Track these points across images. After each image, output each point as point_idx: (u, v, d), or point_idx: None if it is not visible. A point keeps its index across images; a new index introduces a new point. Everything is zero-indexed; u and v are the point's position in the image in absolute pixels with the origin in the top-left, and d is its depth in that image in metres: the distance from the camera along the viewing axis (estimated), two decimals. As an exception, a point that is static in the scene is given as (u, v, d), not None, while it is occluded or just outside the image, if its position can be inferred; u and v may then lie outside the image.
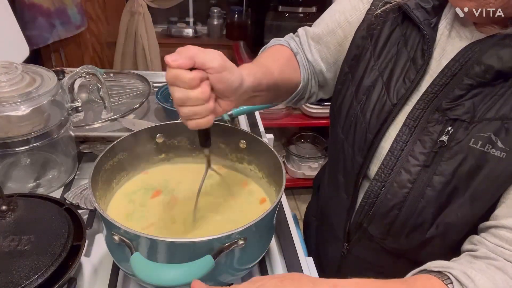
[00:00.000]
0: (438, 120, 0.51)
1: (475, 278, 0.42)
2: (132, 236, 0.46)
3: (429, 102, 0.52)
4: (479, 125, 0.48)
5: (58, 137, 0.73)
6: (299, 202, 2.32)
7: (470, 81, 0.49)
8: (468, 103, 0.49)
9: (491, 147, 0.47)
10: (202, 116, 0.48)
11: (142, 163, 0.68)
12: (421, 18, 0.54)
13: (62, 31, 1.65)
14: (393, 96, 0.55)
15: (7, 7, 1.04)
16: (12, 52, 1.05)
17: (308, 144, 2.34)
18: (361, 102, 0.59)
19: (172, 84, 0.47)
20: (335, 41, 0.66)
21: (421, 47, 0.54)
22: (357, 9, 0.63)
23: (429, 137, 0.51)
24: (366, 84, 0.59)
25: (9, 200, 0.59)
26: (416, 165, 0.52)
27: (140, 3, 2.07)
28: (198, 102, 0.47)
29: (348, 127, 0.61)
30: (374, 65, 0.58)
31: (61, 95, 0.73)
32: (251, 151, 0.67)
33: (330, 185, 0.72)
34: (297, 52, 0.69)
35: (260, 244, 0.55)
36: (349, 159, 0.61)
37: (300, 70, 0.68)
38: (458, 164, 0.49)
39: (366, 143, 0.58)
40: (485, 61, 0.48)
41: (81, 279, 0.58)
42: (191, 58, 0.45)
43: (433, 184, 0.51)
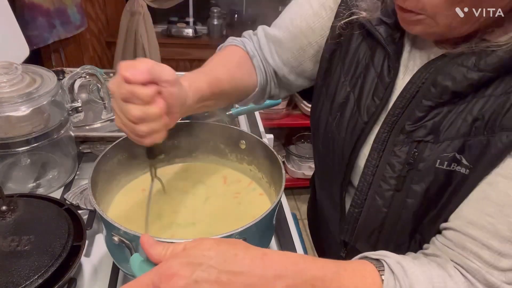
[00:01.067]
0: (403, 141, 0.50)
1: (408, 269, 0.42)
2: (131, 237, 0.46)
3: (393, 125, 0.52)
4: (443, 144, 0.48)
5: (58, 137, 0.73)
6: (299, 202, 2.32)
7: (429, 102, 0.48)
8: (429, 123, 0.49)
9: (457, 165, 0.47)
10: (158, 131, 0.47)
11: (142, 163, 0.68)
12: (384, 35, 0.52)
13: (62, 31, 1.65)
14: (364, 114, 0.55)
15: (7, 7, 1.04)
16: (12, 52, 1.05)
17: (308, 144, 2.34)
18: (335, 119, 0.59)
19: (126, 101, 0.44)
20: (298, 46, 0.64)
21: (386, 63, 0.53)
22: (320, 16, 0.61)
23: (397, 160, 0.51)
24: (339, 100, 0.58)
25: (9, 200, 0.59)
26: (388, 189, 0.52)
27: (140, 3, 2.07)
28: (156, 118, 0.45)
29: (327, 142, 0.61)
30: (345, 81, 0.58)
31: (61, 95, 0.73)
32: (251, 151, 0.67)
33: (321, 190, 0.73)
34: (254, 56, 0.67)
35: (260, 244, 0.54)
36: (332, 172, 0.62)
37: (256, 74, 0.66)
38: (427, 186, 0.49)
39: (344, 160, 0.58)
40: (440, 82, 0.47)
41: (81, 279, 0.58)
42: (148, 71, 0.43)
43: (407, 206, 0.52)
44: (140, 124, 0.45)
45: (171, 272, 0.35)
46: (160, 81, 0.44)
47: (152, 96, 0.44)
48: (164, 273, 0.36)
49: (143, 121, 0.45)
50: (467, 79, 0.45)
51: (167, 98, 0.46)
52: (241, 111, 0.90)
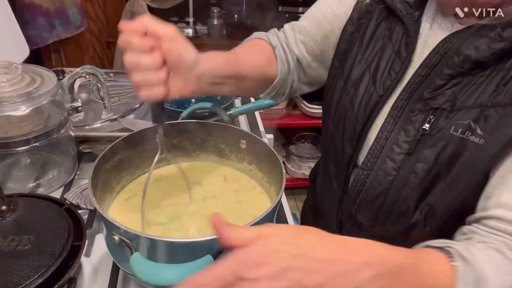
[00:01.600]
0: (420, 109, 0.53)
1: (475, 254, 0.42)
2: (132, 236, 0.46)
3: (412, 93, 0.54)
4: (459, 113, 0.50)
5: (58, 137, 0.73)
6: (299, 202, 2.32)
7: (450, 71, 0.50)
8: (448, 92, 0.51)
9: (471, 134, 0.49)
10: (153, 85, 0.48)
11: (142, 163, 0.68)
12: (404, 12, 0.56)
13: (62, 31, 1.65)
14: (380, 87, 0.57)
15: (7, 7, 1.04)
16: (12, 52, 1.05)
17: (308, 144, 2.34)
18: (349, 95, 0.60)
19: (124, 48, 0.47)
20: (322, 33, 0.67)
21: (405, 40, 0.56)
22: (343, 2, 0.65)
23: (412, 126, 0.53)
24: (354, 77, 0.60)
25: (9, 200, 0.58)
26: (400, 153, 0.54)
27: (140, 3, 2.07)
28: (149, 68, 0.47)
29: (338, 119, 0.62)
30: (361, 59, 0.60)
31: (61, 95, 0.73)
32: (251, 151, 0.67)
33: (323, 176, 0.73)
34: (276, 46, 0.69)
35: (260, 244, 0.55)
36: (340, 149, 0.63)
37: (277, 64, 0.68)
38: (439, 151, 0.51)
39: (355, 134, 0.59)
40: (463, 51, 0.49)
41: (81, 279, 0.58)
42: (144, 24, 0.46)
43: (416, 171, 0.53)
44: (135, 73, 0.48)
45: (256, 259, 0.33)
46: (158, 35, 0.47)
47: (145, 44, 0.46)
48: (247, 261, 0.33)
49: (136, 69, 0.47)
50: (490, 48, 0.47)
51: (167, 54, 0.48)
52: (241, 111, 0.90)
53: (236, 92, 0.66)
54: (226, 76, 0.58)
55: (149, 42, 0.47)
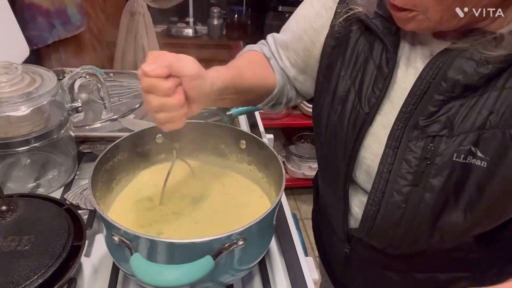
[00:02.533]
0: (418, 137, 0.51)
1: None
2: (132, 237, 0.46)
3: (406, 121, 0.52)
4: (458, 138, 0.49)
5: (58, 137, 0.73)
6: (299, 202, 2.32)
7: (441, 97, 0.49)
8: (443, 118, 0.50)
9: (472, 158, 0.48)
10: (176, 120, 0.50)
11: (142, 163, 0.68)
12: (380, 27, 0.54)
13: (62, 31, 1.65)
14: (365, 105, 0.56)
15: (7, 7, 1.04)
16: (12, 52, 1.05)
17: (308, 144, 2.34)
18: (337, 112, 0.60)
19: (148, 92, 0.48)
20: (303, 47, 0.66)
21: (385, 55, 0.54)
22: (321, 16, 0.64)
23: (413, 155, 0.52)
24: (340, 93, 0.59)
25: (9, 200, 0.59)
26: (405, 185, 0.53)
27: (140, 3, 2.07)
28: (174, 109, 0.49)
29: (329, 136, 0.62)
30: (345, 75, 0.59)
31: (61, 95, 0.73)
32: (251, 151, 0.67)
33: (324, 186, 0.73)
34: (270, 57, 0.70)
35: (260, 244, 0.55)
36: (334, 166, 0.62)
37: (274, 75, 0.69)
38: (445, 179, 0.50)
39: (347, 152, 0.59)
40: (451, 76, 0.48)
41: (81, 279, 0.58)
42: (168, 66, 0.46)
43: (425, 201, 0.52)
44: (160, 113, 0.49)
45: None
46: (181, 75, 0.48)
47: (171, 89, 0.47)
48: None
49: (162, 111, 0.48)
50: (477, 72, 0.46)
51: (188, 91, 0.49)
52: (241, 111, 0.90)
53: (237, 104, 0.68)
54: (232, 93, 0.60)
55: (173, 85, 0.47)
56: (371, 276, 0.68)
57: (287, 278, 0.61)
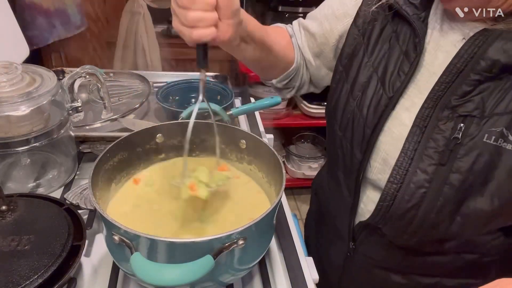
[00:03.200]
0: (448, 117, 0.51)
1: None
2: (132, 236, 0.46)
3: (437, 100, 0.52)
4: (491, 120, 0.48)
5: (58, 137, 0.73)
6: (299, 202, 2.32)
7: (477, 76, 0.49)
8: (477, 98, 0.49)
9: (503, 141, 0.48)
10: (207, 25, 0.48)
11: (142, 163, 0.68)
12: (410, 13, 0.55)
13: (62, 31, 1.65)
14: (389, 89, 0.56)
15: (7, 7, 1.04)
16: (12, 52, 1.05)
17: (308, 144, 2.34)
18: (357, 98, 0.59)
19: None
20: (321, 32, 0.69)
21: (412, 40, 0.55)
22: (344, 4, 0.66)
23: (441, 135, 0.51)
24: (361, 80, 0.59)
25: (9, 200, 0.58)
26: (431, 164, 0.52)
27: (140, 3, 2.07)
28: (205, 7, 0.47)
29: (345, 123, 0.61)
30: (368, 62, 0.59)
31: (61, 95, 0.73)
32: (251, 151, 0.67)
33: (330, 184, 0.72)
34: (292, 35, 0.73)
35: (260, 244, 0.55)
36: (348, 155, 0.61)
37: (294, 52, 0.72)
38: (473, 160, 0.49)
39: (365, 138, 0.58)
40: (491, 55, 0.48)
41: (81, 279, 0.58)
42: None
43: (450, 182, 0.51)
44: (190, 11, 0.47)
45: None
46: None
47: None
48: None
49: (191, 8, 0.46)
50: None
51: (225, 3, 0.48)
52: (241, 111, 0.90)
53: (258, 61, 0.68)
54: (255, 37, 0.61)
55: None
56: (373, 280, 0.66)
57: (287, 278, 0.61)
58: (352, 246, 0.65)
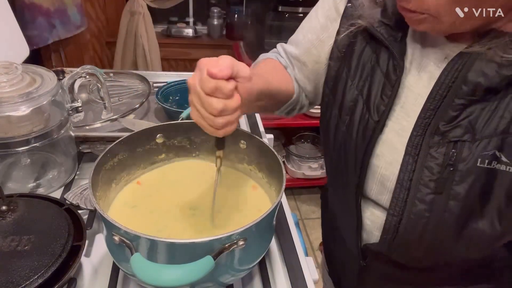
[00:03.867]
0: (439, 143, 0.50)
1: None
2: (132, 237, 0.46)
3: (426, 127, 0.51)
4: (482, 143, 0.47)
5: (58, 137, 0.73)
6: (299, 202, 2.32)
7: (462, 101, 0.48)
8: (464, 122, 0.49)
9: (497, 163, 0.47)
10: (232, 123, 0.50)
11: (142, 163, 0.68)
12: (385, 35, 0.54)
13: (62, 31, 1.65)
14: (374, 113, 0.55)
15: (7, 7, 1.04)
16: (12, 52, 1.05)
17: (308, 144, 2.34)
18: (346, 122, 0.59)
19: (211, 95, 0.47)
20: (312, 59, 0.68)
21: (392, 63, 0.54)
22: (326, 28, 0.65)
23: (435, 162, 0.50)
24: (347, 104, 0.59)
25: (9, 200, 0.59)
26: (428, 193, 0.51)
27: (140, 3, 2.07)
28: (233, 112, 0.49)
29: (338, 147, 0.61)
30: (352, 85, 0.59)
31: (61, 95, 0.73)
32: (251, 151, 0.67)
33: (334, 200, 0.72)
34: (287, 66, 0.72)
35: (260, 244, 0.55)
36: (345, 178, 0.61)
37: (293, 82, 0.71)
38: (469, 186, 0.49)
39: (357, 162, 0.57)
40: (471, 79, 0.47)
41: (81, 279, 0.58)
42: (231, 67, 0.47)
43: (449, 209, 0.50)
44: (220, 117, 0.49)
45: None
46: (238, 76, 0.49)
47: (233, 90, 0.48)
48: None
49: (222, 114, 0.48)
50: (499, 74, 0.45)
51: (242, 93, 0.50)
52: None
53: (261, 110, 0.69)
54: (262, 98, 0.60)
55: (234, 86, 0.48)
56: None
57: (287, 278, 0.61)
58: (363, 264, 0.64)
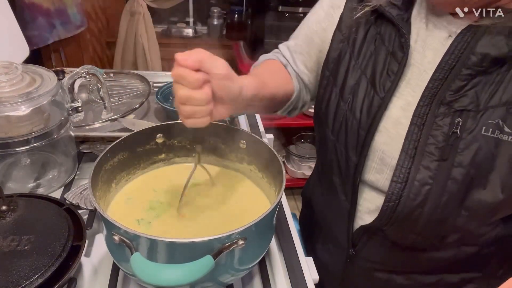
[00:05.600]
0: (445, 113, 0.52)
1: None
2: (132, 236, 0.46)
3: (433, 97, 0.53)
4: (486, 113, 0.50)
5: (58, 137, 0.73)
6: (299, 202, 2.32)
7: (469, 71, 0.50)
8: (471, 93, 0.51)
9: (500, 133, 0.49)
10: (200, 116, 0.51)
11: (142, 163, 0.68)
12: (394, 14, 0.57)
13: (62, 31, 1.65)
14: (380, 90, 0.57)
15: (7, 7, 1.04)
16: (12, 52, 1.05)
17: (308, 144, 2.34)
18: (348, 102, 0.60)
19: (177, 82, 0.49)
20: (315, 48, 0.69)
21: (398, 40, 0.56)
22: (330, 15, 0.66)
23: (440, 131, 0.52)
24: (351, 83, 0.60)
25: (9, 200, 0.59)
26: (433, 160, 0.53)
27: (140, 3, 2.07)
28: (200, 103, 0.50)
29: (338, 128, 0.62)
30: (355, 64, 0.60)
31: (61, 95, 0.73)
32: (251, 151, 0.67)
33: (324, 190, 0.72)
34: (287, 64, 0.72)
35: (260, 244, 0.55)
36: (343, 159, 0.62)
37: (292, 81, 0.71)
38: (474, 153, 0.50)
39: (359, 140, 0.58)
40: (480, 50, 0.49)
41: (81, 279, 0.58)
42: (199, 61, 0.48)
43: (453, 176, 0.52)
44: (185, 105, 0.50)
45: None
46: (211, 72, 0.49)
47: (198, 81, 0.48)
48: None
49: (187, 102, 0.49)
50: (508, 45, 0.48)
51: (216, 89, 0.50)
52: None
53: (259, 112, 0.71)
54: (258, 100, 0.61)
55: (202, 78, 0.48)
56: (375, 284, 0.66)
57: (287, 278, 0.61)
58: (352, 252, 0.65)
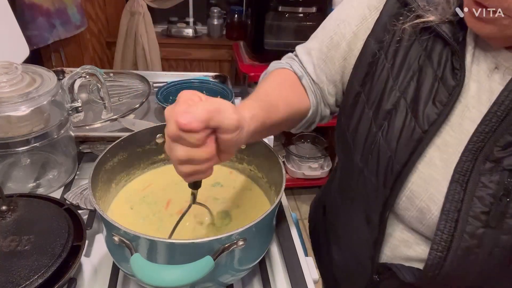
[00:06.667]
0: (492, 171, 0.45)
1: None
2: (132, 237, 0.46)
3: (477, 153, 0.45)
4: None
5: (58, 137, 0.73)
6: (299, 202, 2.32)
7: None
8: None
9: None
10: (203, 172, 0.44)
11: (142, 163, 0.68)
12: (449, 33, 0.47)
13: (62, 31, 1.65)
14: (423, 121, 0.48)
15: (7, 7, 1.04)
16: (12, 52, 1.05)
17: (308, 144, 2.34)
18: (382, 128, 0.52)
19: (174, 141, 0.41)
20: (339, 55, 0.59)
21: (450, 65, 0.47)
22: (363, 17, 0.56)
23: (486, 192, 0.45)
24: (386, 107, 0.51)
25: (9, 200, 0.59)
26: (479, 227, 0.46)
27: (140, 3, 2.07)
28: (202, 162, 0.42)
29: (367, 154, 0.54)
30: (394, 85, 0.51)
31: (61, 95, 0.73)
32: (251, 151, 0.67)
33: (346, 208, 0.66)
34: (302, 76, 0.62)
35: (260, 244, 0.55)
36: (372, 189, 0.54)
37: (308, 95, 0.62)
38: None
39: (393, 173, 0.50)
40: None
41: (81, 279, 0.58)
42: (205, 121, 0.39)
43: (501, 244, 0.45)
44: (185, 165, 0.42)
45: None
46: (220, 128, 0.41)
47: (200, 140, 0.40)
48: None
49: (187, 163, 0.42)
50: None
51: (222, 143, 0.42)
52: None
53: (269, 135, 0.61)
54: (265, 129, 0.52)
55: (204, 136, 0.40)
56: None
57: (287, 278, 0.61)
58: (376, 278, 0.59)
